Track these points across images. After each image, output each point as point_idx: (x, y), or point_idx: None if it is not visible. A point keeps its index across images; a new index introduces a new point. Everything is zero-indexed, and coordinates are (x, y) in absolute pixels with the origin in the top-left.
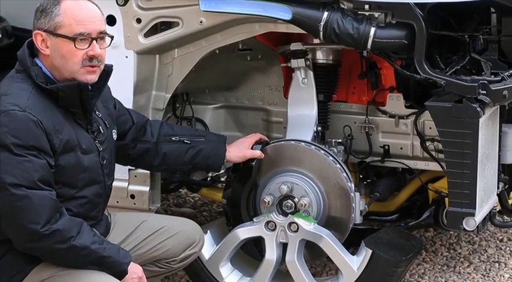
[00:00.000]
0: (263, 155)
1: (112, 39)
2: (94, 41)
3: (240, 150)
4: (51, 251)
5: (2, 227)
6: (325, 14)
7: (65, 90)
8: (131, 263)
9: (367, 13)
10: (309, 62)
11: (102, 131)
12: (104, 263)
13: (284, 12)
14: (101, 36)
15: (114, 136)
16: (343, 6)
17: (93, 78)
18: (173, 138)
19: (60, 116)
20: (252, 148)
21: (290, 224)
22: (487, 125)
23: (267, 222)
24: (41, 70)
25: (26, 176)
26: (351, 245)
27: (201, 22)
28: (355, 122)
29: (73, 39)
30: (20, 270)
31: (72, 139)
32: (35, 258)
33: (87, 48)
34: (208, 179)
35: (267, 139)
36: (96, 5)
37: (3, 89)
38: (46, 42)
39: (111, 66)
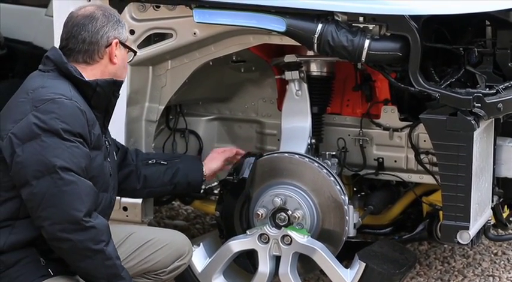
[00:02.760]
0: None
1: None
2: None
3: (212, 164)
4: (80, 247)
5: (39, 212)
6: (320, 26)
7: (102, 85)
8: None
9: (361, 25)
10: (303, 74)
11: (108, 146)
12: None
13: (278, 24)
14: None
15: (115, 156)
16: (337, 18)
17: None
18: (150, 162)
19: (92, 114)
20: (245, 160)
21: (283, 236)
22: (482, 138)
23: (260, 235)
24: (75, 67)
25: (75, 161)
26: (345, 258)
27: (194, 34)
28: (349, 135)
29: (135, 51)
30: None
31: (100, 138)
32: (45, 271)
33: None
34: (201, 191)
35: (243, 152)
36: None
37: (36, 83)
38: (116, 51)
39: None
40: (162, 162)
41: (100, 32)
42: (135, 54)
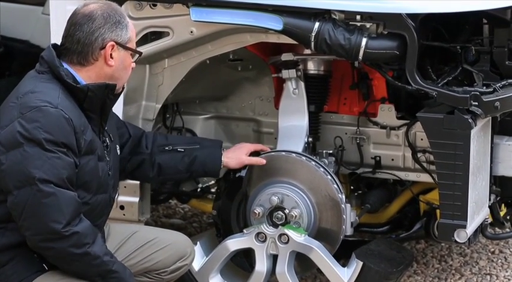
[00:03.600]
0: (262, 161)
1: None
2: None
3: (237, 155)
4: (65, 253)
5: (20, 221)
6: (317, 24)
7: (93, 90)
8: None
9: (358, 24)
10: (300, 73)
11: (108, 143)
12: (110, 277)
13: (275, 23)
14: None
15: (118, 151)
16: (334, 16)
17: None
18: (166, 148)
19: (84, 118)
20: None
21: (280, 235)
22: (479, 137)
23: (257, 234)
24: (69, 71)
25: (55, 173)
26: (342, 257)
27: (191, 32)
28: (346, 133)
29: (140, 53)
30: (24, 278)
31: (93, 141)
32: (39, 267)
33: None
34: (198, 190)
35: (268, 150)
36: None
37: (28, 87)
38: (112, 53)
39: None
40: (179, 149)
41: (95, 33)
42: (140, 55)
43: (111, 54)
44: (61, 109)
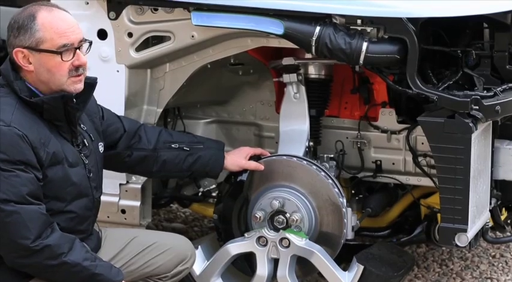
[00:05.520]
0: (260, 166)
1: (91, 44)
2: (77, 50)
3: (237, 159)
4: (42, 267)
5: None
6: (318, 28)
7: (49, 102)
8: (123, 281)
9: (359, 28)
10: (301, 77)
11: (87, 144)
12: (95, 281)
13: (276, 27)
14: (81, 44)
15: (101, 149)
16: (335, 21)
17: (80, 87)
18: (173, 146)
19: (46, 129)
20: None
21: (281, 239)
22: (480, 141)
23: (259, 238)
24: (24, 84)
25: (14, 191)
26: (343, 261)
27: (192, 36)
28: (347, 137)
29: (59, 52)
30: None
31: (58, 152)
32: (27, 273)
33: (72, 58)
34: (200, 194)
35: (268, 154)
36: (69, 13)
37: None
38: (28, 58)
39: (96, 78)
40: (185, 147)
41: (9, 45)
42: (77, 48)
43: (28, 60)
44: (14, 126)
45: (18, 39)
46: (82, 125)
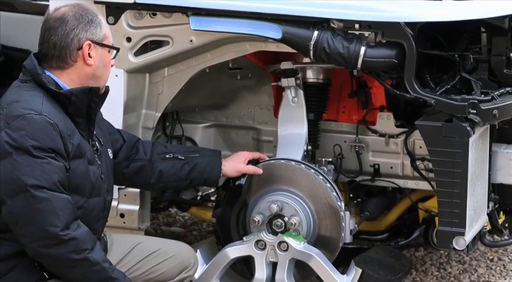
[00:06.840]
0: (259, 170)
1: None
2: None
3: (235, 164)
4: (64, 259)
5: (17, 230)
6: (316, 33)
7: (77, 94)
8: None
9: (357, 32)
10: (299, 81)
11: (98, 147)
12: None
13: (274, 31)
14: None
15: (110, 155)
16: (333, 25)
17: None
18: (167, 156)
19: (70, 122)
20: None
21: (280, 243)
22: (477, 145)
23: (257, 241)
24: (51, 77)
25: (46, 178)
26: (341, 264)
27: (191, 41)
28: (345, 141)
29: (118, 48)
30: None
31: (82, 145)
32: (40, 275)
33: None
34: (198, 198)
35: (266, 158)
36: None
37: (12, 97)
38: (90, 52)
39: (108, 86)
40: (179, 156)
41: (70, 35)
42: (118, 51)
43: (89, 54)
44: (45, 115)
45: (90, 32)
46: (92, 129)
